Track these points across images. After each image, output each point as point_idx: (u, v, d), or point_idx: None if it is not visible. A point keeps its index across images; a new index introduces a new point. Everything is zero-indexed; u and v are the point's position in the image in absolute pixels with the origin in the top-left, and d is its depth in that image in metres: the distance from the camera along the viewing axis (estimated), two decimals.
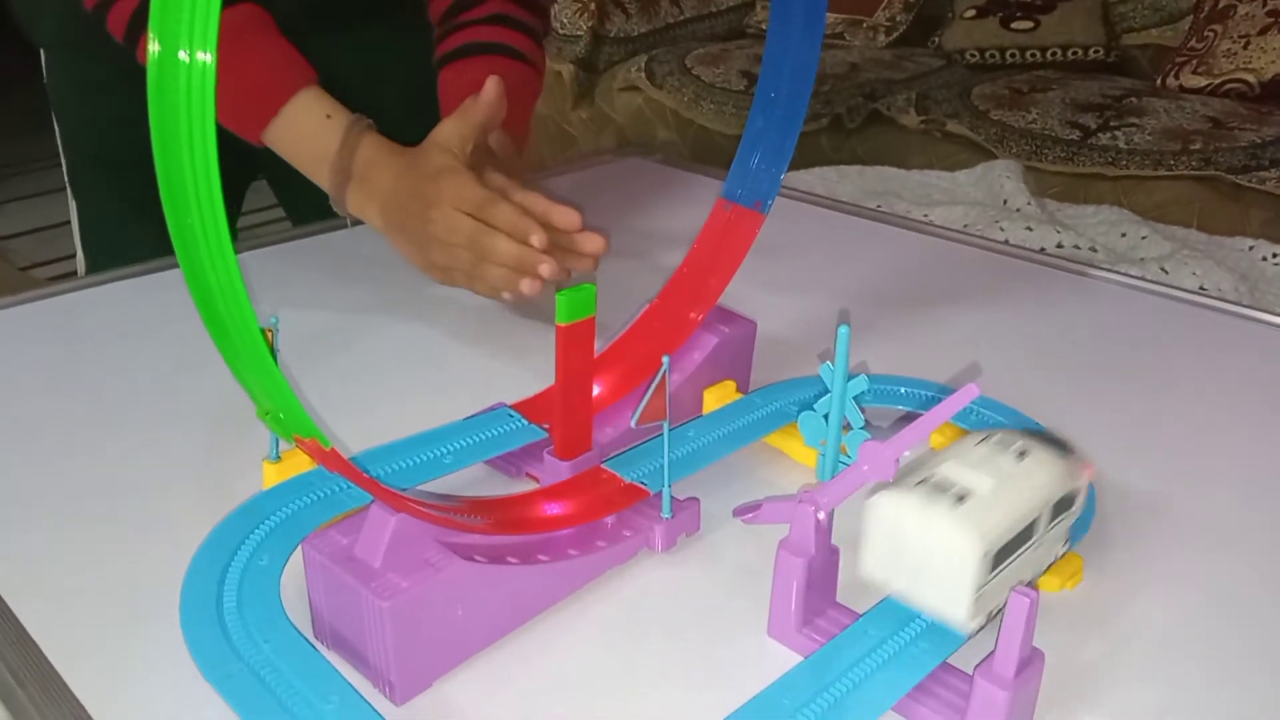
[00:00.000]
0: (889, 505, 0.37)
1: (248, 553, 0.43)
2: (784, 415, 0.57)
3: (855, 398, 0.40)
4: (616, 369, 0.58)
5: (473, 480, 0.54)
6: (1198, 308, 0.76)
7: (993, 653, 0.37)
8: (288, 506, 0.46)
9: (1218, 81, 1.78)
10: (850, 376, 0.40)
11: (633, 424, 0.43)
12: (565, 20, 2.18)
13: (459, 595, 0.40)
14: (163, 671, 0.41)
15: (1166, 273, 0.84)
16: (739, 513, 0.45)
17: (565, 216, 0.69)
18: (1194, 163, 1.50)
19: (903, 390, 0.60)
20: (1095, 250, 0.88)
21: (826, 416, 0.41)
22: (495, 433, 0.54)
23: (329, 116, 0.74)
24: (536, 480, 0.53)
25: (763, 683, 0.39)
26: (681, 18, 2.30)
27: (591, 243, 0.71)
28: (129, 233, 0.94)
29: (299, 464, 0.50)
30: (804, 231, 0.90)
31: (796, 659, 0.42)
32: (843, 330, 0.39)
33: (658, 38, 2.23)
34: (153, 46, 0.31)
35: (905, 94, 1.84)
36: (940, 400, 0.37)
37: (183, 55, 0.30)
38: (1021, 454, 0.40)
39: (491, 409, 0.57)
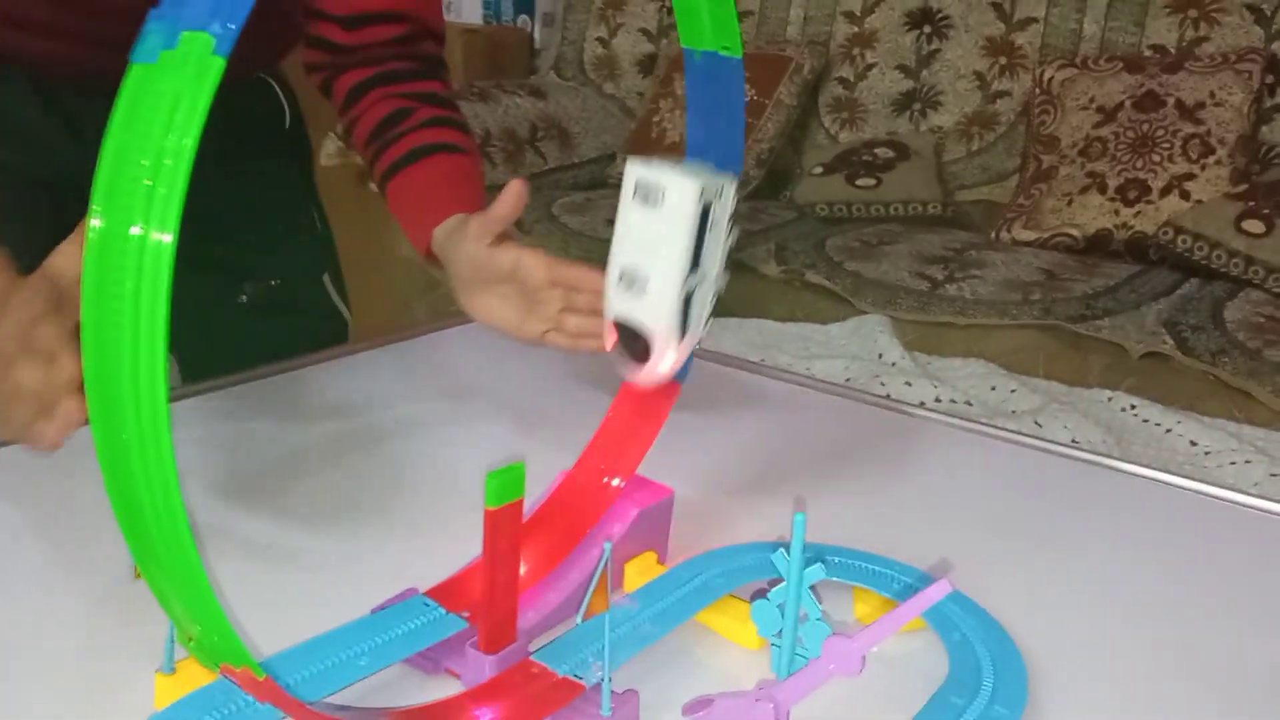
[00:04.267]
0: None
1: None
2: (711, 590, 0.56)
3: (811, 586, 0.39)
4: (535, 547, 0.56)
5: (389, 680, 0.50)
6: (1074, 461, 0.79)
7: None
8: None
9: (1046, 235, 1.92)
10: (806, 564, 0.39)
11: (578, 620, 0.41)
12: None
13: None
14: None
15: (1040, 426, 0.89)
16: (689, 711, 0.43)
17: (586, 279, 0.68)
18: (1035, 312, 1.60)
19: (835, 560, 0.59)
20: (970, 404, 0.92)
21: (781, 607, 0.40)
22: (412, 625, 0.50)
23: None
24: (457, 676, 0.50)
25: None
26: (545, 168, 2.35)
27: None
28: None
29: (195, 675, 0.45)
30: (695, 386, 0.90)
31: None
32: (799, 518, 0.38)
33: None
34: (94, 221, 0.28)
35: (765, 245, 1.91)
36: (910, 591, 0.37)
37: (135, 230, 0.28)
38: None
39: (403, 596, 0.53)
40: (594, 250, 2.04)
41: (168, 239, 0.28)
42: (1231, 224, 1.74)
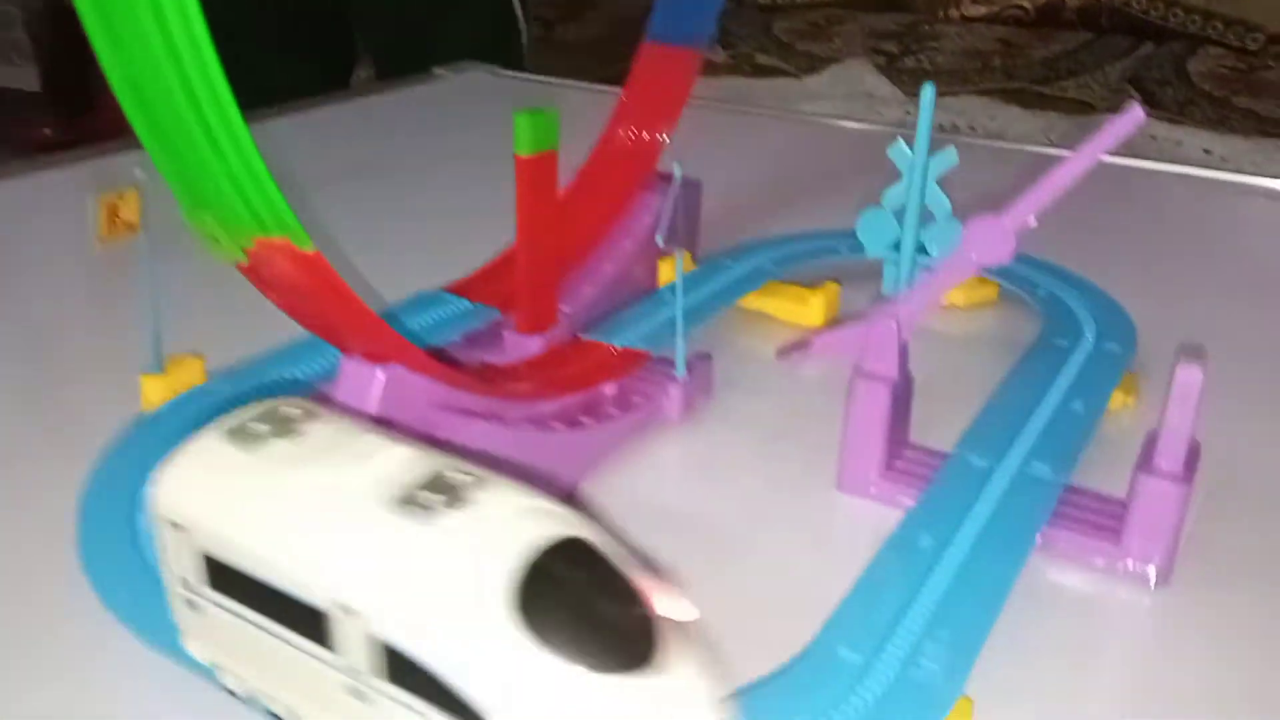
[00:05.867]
0: None
1: None
2: (763, 274, 0.50)
3: (939, 181, 0.33)
4: (566, 235, 0.48)
5: None
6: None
7: (1151, 446, 0.31)
8: (193, 425, 0.34)
9: (996, 9, 1.84)
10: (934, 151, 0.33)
11: (659, 241, 0.34)
12: None
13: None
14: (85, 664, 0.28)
15: (1053, 141, 0.84)
16: (784, 355, 0.37)
17: None
18: (997, 77, 1.54)
19: (846, 248, 0.54)
20: (974, 129, 0.87)
21: (898, 213, 0.34)
22: (437, 317, 0.44)
23: None
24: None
25: (855, 547, 0.31)
26: None
27: None
28: None
29: (185, 377, 0.37)
30: (686, 125, 0.83)
31: (882, 512, 0.34)
32: (927, 90, 0.32)
33: None
34: None
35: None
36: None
37: None
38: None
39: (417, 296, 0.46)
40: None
41: None
42: None
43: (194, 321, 0.39)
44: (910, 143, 0.33)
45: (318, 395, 0.30)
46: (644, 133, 0.52)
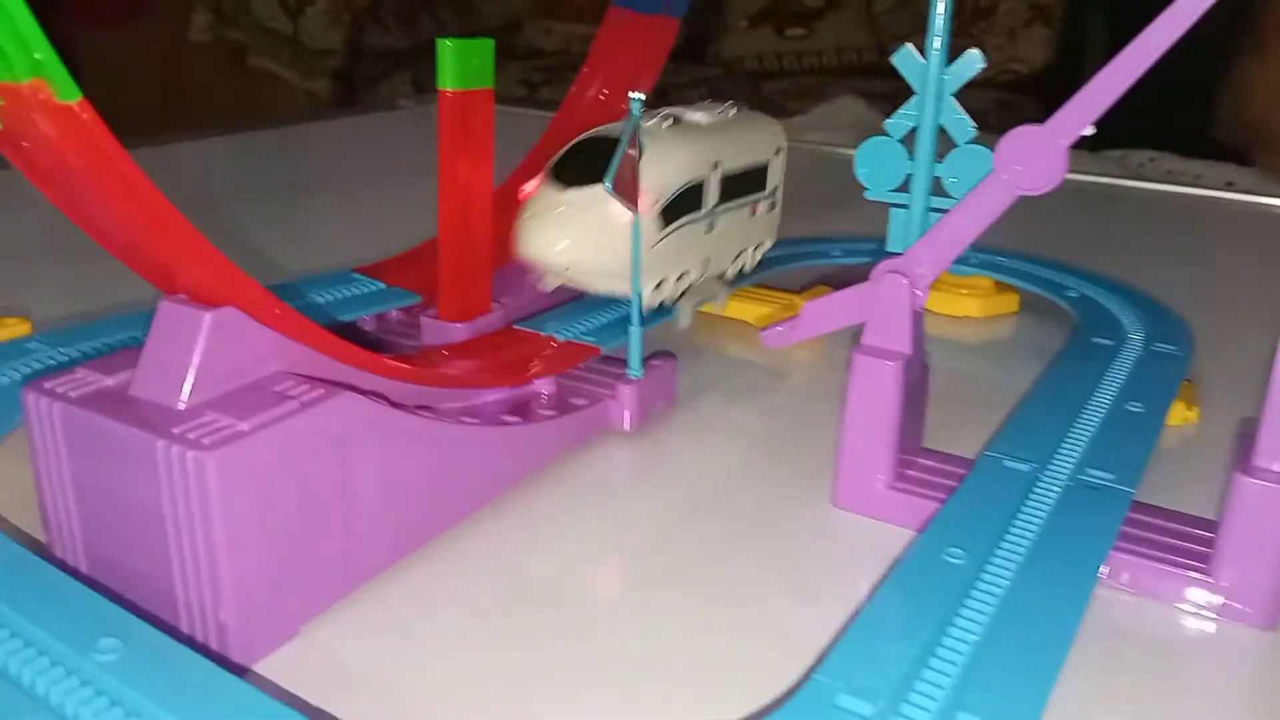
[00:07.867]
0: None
1: None
2: (742, 275, 0.42)
3: (953, 95, 0.25)
4: (510, 218, 0.41)
5: None
6: (1110, 185, 0.68)
7: (1251, 440, 0.23)
8: None
9: (993, 73, 1.81)
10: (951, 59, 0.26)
11: (606, 186, 0.27)
12: (314, 33, 1.98)
13: (342, 459, 0.22)
14: None
15: None
16: (770, 336, 0.29)
17: None
18: (996, 136, 1.49)
19: (840, 251, 0.47)
20: None
21: (906, 140, 0.26)
22: (340, 295, 0.36)
23: None
24: None
25: (859, 571, 0.23)
26: (443, 33, 2.15)
27: None
28: None
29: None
30: None
31: (891, 533, 0.26)
32: None
33: (420, 53, 2.06)
34: None
35: (695, 91, 1.77)
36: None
37: None
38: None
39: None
40: (501, 124, 1.88)
41: None
42: None
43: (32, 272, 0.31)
44: (921, 50, 0.26)
45: (121, 355, 0.22)
46: (607, 95, 0.45)
